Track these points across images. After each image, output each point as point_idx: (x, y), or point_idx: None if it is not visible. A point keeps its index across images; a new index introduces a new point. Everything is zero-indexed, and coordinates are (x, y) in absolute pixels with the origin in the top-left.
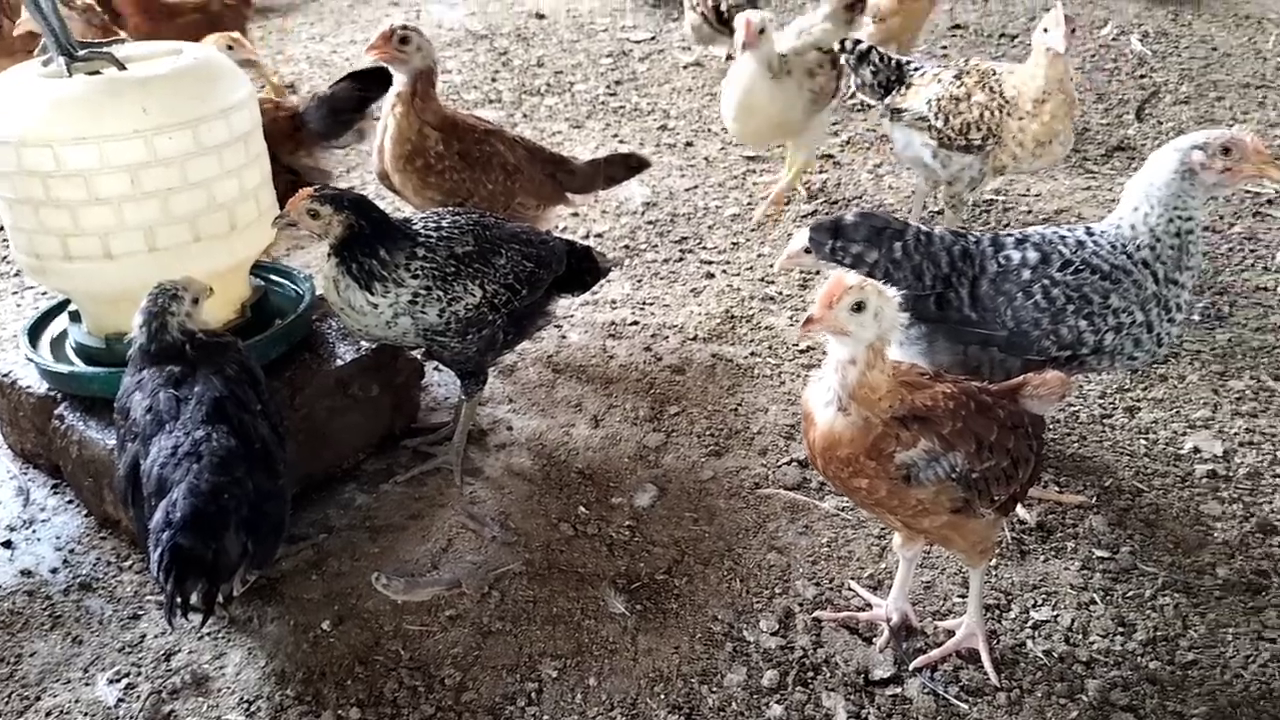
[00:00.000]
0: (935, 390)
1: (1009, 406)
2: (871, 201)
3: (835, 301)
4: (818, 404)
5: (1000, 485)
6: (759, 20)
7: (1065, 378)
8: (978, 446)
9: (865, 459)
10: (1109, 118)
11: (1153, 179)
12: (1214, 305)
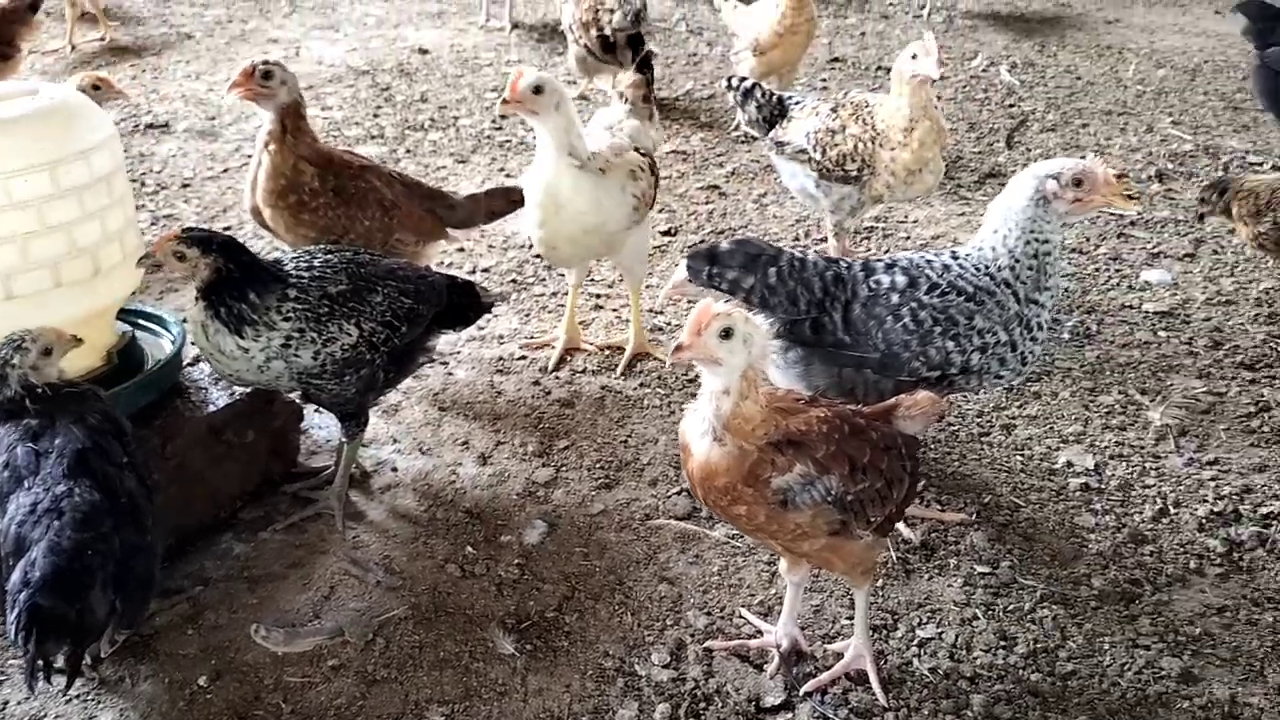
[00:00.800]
0: (809, 415)
1: (882, 428)
2: (757, 230)
3: (703, 328)
4: (694, 435)
5: (876, 506)
6: (531, 80)
7: (936, 398)
8: (852, 469)
9: (743, 486)
10: (981, 146)
11: (1011, 203)
12: (1083, 324)
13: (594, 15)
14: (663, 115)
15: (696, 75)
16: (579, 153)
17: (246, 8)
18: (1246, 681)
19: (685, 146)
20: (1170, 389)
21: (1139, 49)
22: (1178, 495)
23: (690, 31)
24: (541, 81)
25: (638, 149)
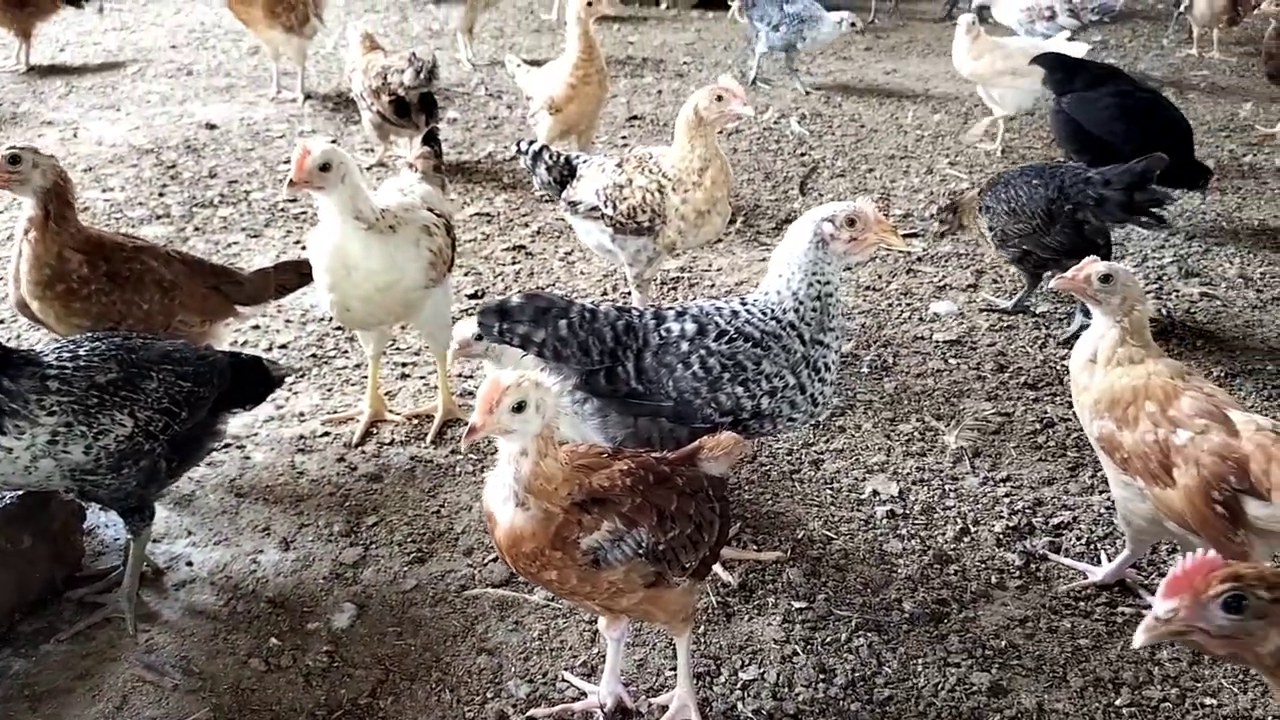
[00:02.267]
0: (612, 469)
1: (688, 473)
2: (565, 287)
3: (495, 405)
4: (496, 502)
5: (689, 552)
6: (318, 157)
7: (739, 438)
8: (660, 519)
9: (551, 550)
10: (776, 194)
11: (793, 249)
12: (880, 357)
13: (383, 80)
14: (465, 178)
15: (497, 138)
16: (365, 216)
17: (18, 90)
18: (1051, 688)
19: (489, 208)
20: (963, 413)
21: (916, 96)
22: (976, 514)
23: (490, 95)
24: (328, 158)
25: (431, 209)
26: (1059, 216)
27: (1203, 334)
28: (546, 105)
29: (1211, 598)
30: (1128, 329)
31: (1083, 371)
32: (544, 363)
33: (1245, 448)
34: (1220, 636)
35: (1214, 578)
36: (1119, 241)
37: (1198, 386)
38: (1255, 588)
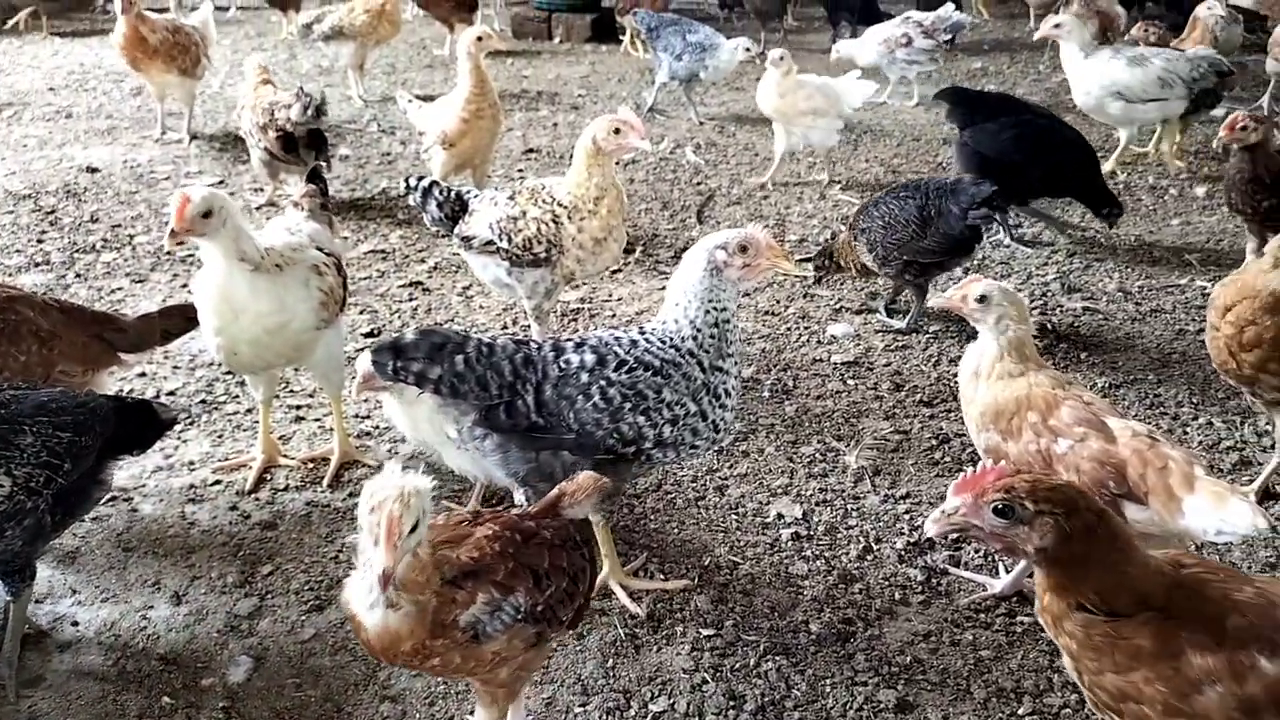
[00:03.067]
0: (476, 537)
1: (553, 524)
2: (464, 323)
3: (397, 540)
4: (361, 608)
5: (566, 606)
6: (198, 205)
7: (598, 477)
8: (535, 578)
9: (431, 640)
10: (674, 223)
11: (688, 277)
12: (780, 381)
13: (270, 116)
14: (358, 215)
15: (391, 174)
16: (251, 256)
17: None
18: (956, 701)
19: (384, 245)
20: (862, 432)
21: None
22: (878, 531)
23: (382, 131)
24: (209, 204)
25: (320, 248)
26: (930, 220)
27: (1087, 346)
28: (440, 140)
29: (987, 502)
30: (1006, 345)
31: (968, 385)
32: (441, 400)
33: (1122, 454)
34: (993, 535)
35: (992, 486)
36: (1005, 260)
37: (1077, 395)
38: (1023, 499)
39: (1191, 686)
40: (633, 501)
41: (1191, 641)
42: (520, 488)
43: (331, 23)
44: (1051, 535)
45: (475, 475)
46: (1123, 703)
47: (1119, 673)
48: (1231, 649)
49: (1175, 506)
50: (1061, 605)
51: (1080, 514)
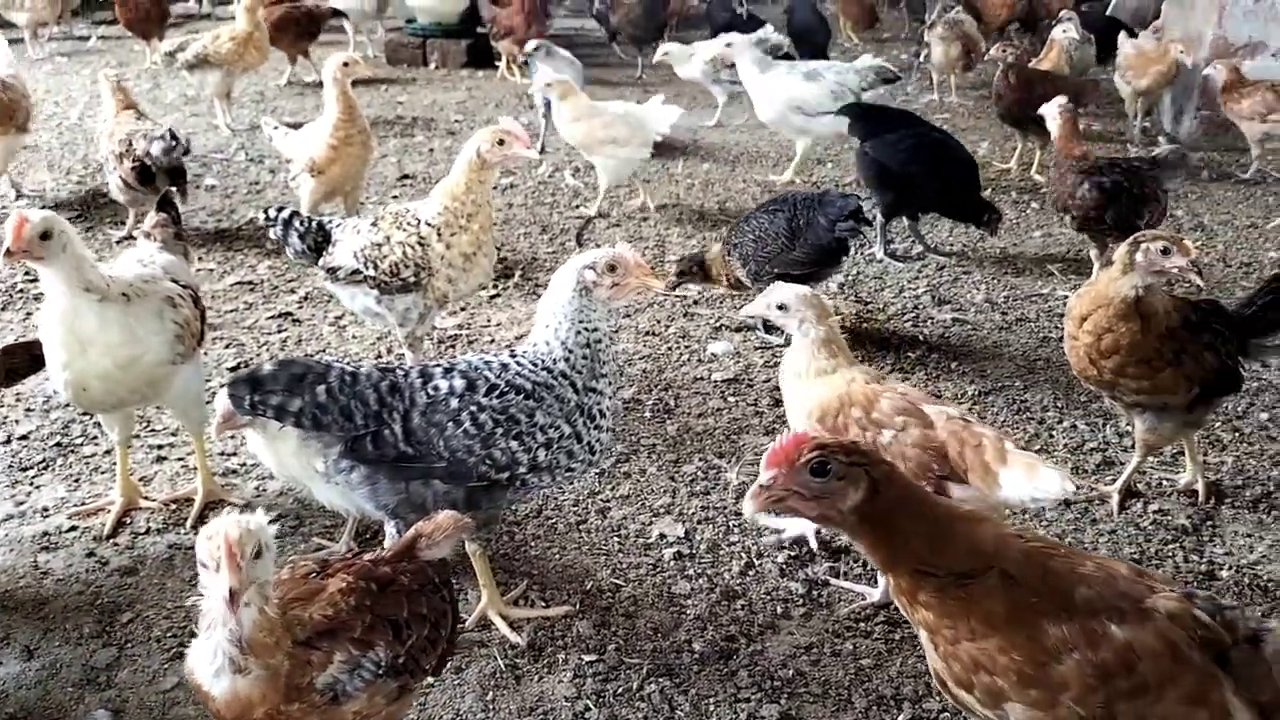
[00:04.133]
0: (329, 592)
1: (410, 568)
2: (337, 353)
3: (240, 558)
4: (207, 676)
5: (429, 653)
6: (37, 225)
7: (457, 516)
8: (395, 629)
9: (287, 705)
10: (554, 245)
11: (557, 298)
12: (661, 401)
13: (128, 146)
14: (225, 246)
15: (260, 203)
16: (97, 285)
17: None
18: (838, 712)
19: (252, 276)
20: (743, 448)
21: (685, 146)
22: (760, 547)
23: (250, 160)
24: (48, 225)
25: (175, 280)
26: (799, 232)
27: (957, 356)
28: (308, 168)
29: (803, 464)
30: (813, 344)
31: (791, 388)
32: (304, 433)
33: (941, 437)
34: (811, 498)
35: (804, 448)
36: (878, 275)
37: (892, 388)
38: (836, 454)
39: (1048, 655)
40: (512, 529)
41: (1045, 611)
42: (391, 520)
43: (195, 51)
44: (864, 487)
45: (347, 510)
46: (976, 673)
47: (975, 639)
48: (1084, 618)
49: (993, 480)
50: (908, 578)
51: (880, 463)
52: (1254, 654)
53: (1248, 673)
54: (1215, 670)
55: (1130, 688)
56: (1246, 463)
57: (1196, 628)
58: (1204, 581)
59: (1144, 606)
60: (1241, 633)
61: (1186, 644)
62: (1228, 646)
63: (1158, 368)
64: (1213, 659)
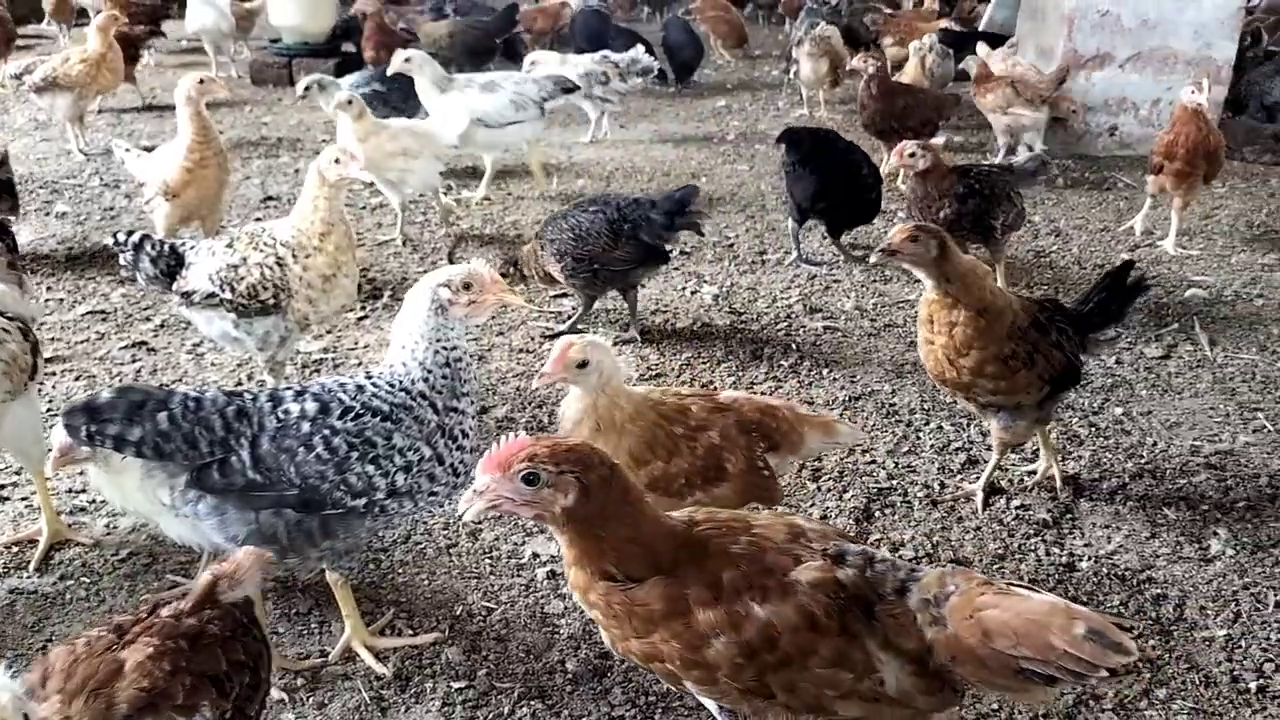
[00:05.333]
0: (137, 659)
1: (215, 613)
2: (194, 382)
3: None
4: None
5: (253, 699)
6: None
7: (257, 552)
8: (217, 685)
9: None
10: (425, 265)
11: (413, 318)
12: (535, 418)
13: None
14: (77, 274)
15: (114, 229)
16: None
17: None
18: None
19: (104, 305)
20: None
21: (560, 164)
22: None
23: (105, 185)
24: None
25: (2, 313)
26: (622, 234)
27: (828, 363)
28: (161, 191)
29: (515, 473)
30: (604, 399)
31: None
32: (147, 464)
33: (751, 417)
34: (525, 504)
35: (518, 457)
36: (751, 286)
37: (677, 394)
38: (545, 463)
39: (701, 640)
40: (378, 556)
41: (696, 598)
42: None
43: (44, 73)
44: (574, 492)
45: (199, 544)
46: (651, 662)
47: (640, 637)
48: (728, 601)
49: (799, 442)
50: (586, 576)
51: (595, 469)
52: (899, 605)
53: (893, 624)
54: (858, 629)
55: (775, 661)
56: (1103, 457)
57: (840, 590)
58: (1064, 573)
59: (787, 580)
60: (890, 586)
61: (826, 612)
62: (874, 602)
63: (1014, 368)
64: (860, 615)
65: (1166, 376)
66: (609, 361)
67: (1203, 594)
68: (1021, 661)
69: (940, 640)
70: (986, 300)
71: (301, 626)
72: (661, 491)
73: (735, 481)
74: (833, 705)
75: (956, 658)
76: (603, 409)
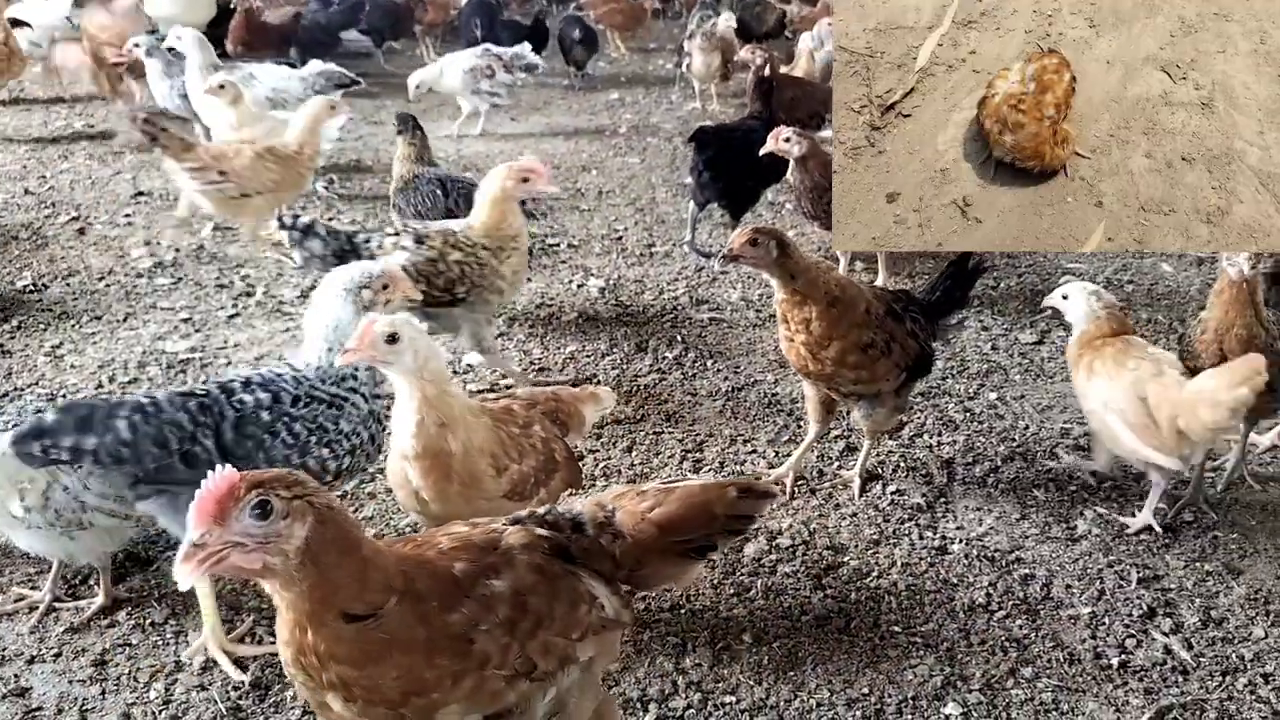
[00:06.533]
0: None
1: None
2: (52, 385)
3: None
4: None
5: None
6: None
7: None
8: None
9: None
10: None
11: (334, 314)
12: None
13: None
14: None
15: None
16: None
17: None
18: None
19: None
20: None
21: (447, 156)
22: None
23: None
24: None
25: None
26: (453, 214)
27: (713, 354)
28: None
29: (243, 507)
30: (431, 388)
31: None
32: (97, 470)
33: (550, 407)
34: (255, 548)
35: (239, 489)
36: (638, 280)
37: (482, 395)
38: (277, 489)
39: (464, 639)
40: None
41: (443, 600)
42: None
43: None
44: (311, 518)
45: (52, 555)
46: (405, 703)
47: (402, 672)
48: (472, 589)
49: (582, 421)
50: (328, 629)
51: (316, 491)
52: (584, 538)
53: (585, 555)
54: (570, 568)
55: (531, 625)
56: (976, 440)
57: (544, 543)
58: (936, 556)
59: (503, 550)
60: (568, 527)
61: (547, 560)
62: (568, 544)
63: (874, 356)
64: (562, 560)
65: (1040, 361)
66: (424, 341)
67: (1069, 573)
68: (694, 540)
69: (626, 550)
70: (834, 293)
71: (157, 637)
72: (518, 497)
73: (563, 470)
74: (576, 651)
75: (641, 560)
76: (434, 398)
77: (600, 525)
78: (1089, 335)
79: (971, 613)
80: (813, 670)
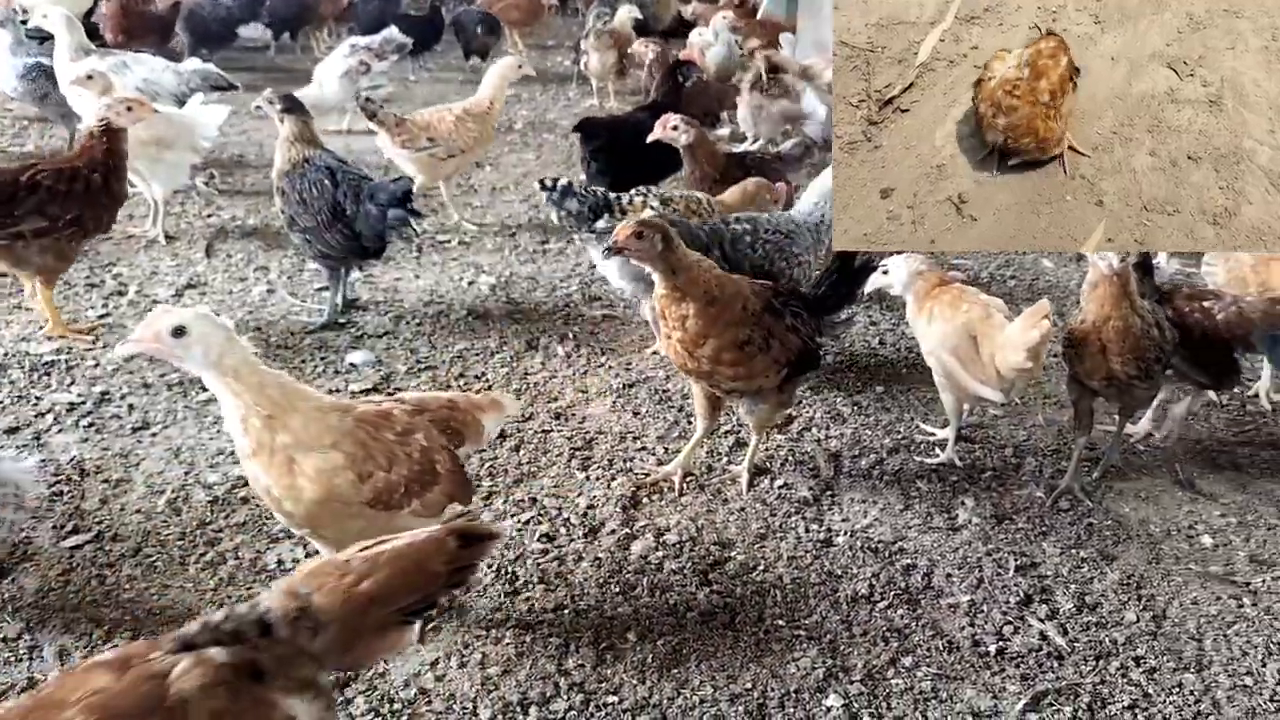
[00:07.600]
0: None
1: None
2: None
3: None
4: None
5: None
6: None
7: None
8: None
9: None
10: (179, 259)
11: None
12: None
13: None
14: None
15: None
16: None
17: None
18: None
19: None
20: None
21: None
22: None
23: None
24: None
25: None
26: (340, 218)
27: (604, 351)
28: None
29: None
30: (238, 381)
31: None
32: None
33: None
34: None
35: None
36: (530, 276)
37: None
38: None
39: None
40: (104, 572)
41: None
42: None
43: None
44: None
45: None
46: None
47: None
48: None
49: (480, 430)
50: None
51: None
52: (274, 643)
53: (279, 665)
54: (262, 693)
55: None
56: (862, 433)
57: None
58: (821, 549)
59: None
60: (252, 631)
61: (231, 701)
62: (255, 659)
63: (750, 354)
64: (254, 676)
65: None
66: (220, 336)
67: (949, 562)
68: (412, 604)
69: (330, 642)
70: (713, 291)
71: (10, 653)
72: (383, 505)
73: (444, 483)
74: None
75: (350, 644)
76: (251, 389)
77: (294, 621)
78: (922, 290)
79: (854, 604)
80: (697, 667)
